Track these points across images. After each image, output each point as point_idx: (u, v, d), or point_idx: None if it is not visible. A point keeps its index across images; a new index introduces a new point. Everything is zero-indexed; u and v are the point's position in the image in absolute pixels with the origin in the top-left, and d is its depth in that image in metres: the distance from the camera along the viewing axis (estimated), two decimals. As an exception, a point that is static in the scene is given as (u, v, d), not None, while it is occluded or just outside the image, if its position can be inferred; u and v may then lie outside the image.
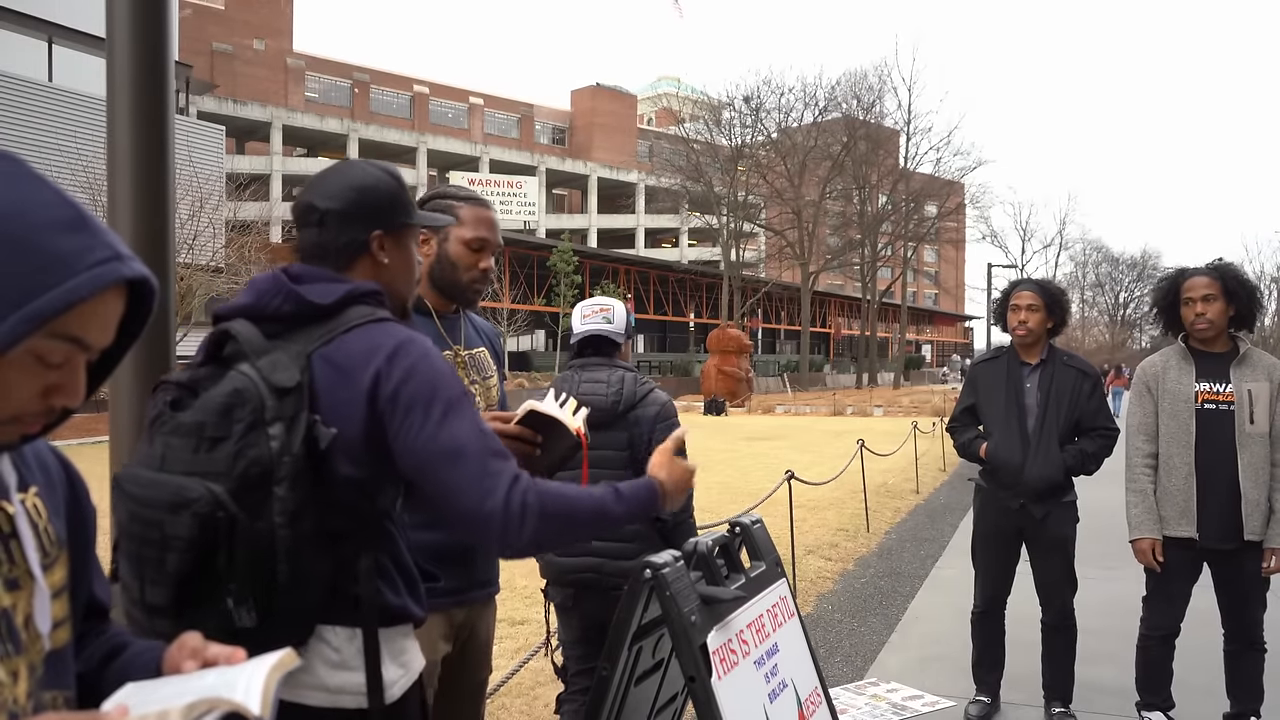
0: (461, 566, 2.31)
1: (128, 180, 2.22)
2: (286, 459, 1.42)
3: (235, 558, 1.40)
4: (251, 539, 1.41)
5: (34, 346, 0.91)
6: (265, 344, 1.52)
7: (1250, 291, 3.77)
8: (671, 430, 3.11)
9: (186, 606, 1.40)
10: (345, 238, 1.66)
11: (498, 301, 35.42)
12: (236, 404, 1.44)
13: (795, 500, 6.69)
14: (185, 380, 1.53)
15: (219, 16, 53.60)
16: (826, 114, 50.12)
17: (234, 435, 1.42)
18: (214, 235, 23.37)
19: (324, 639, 1.53)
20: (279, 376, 1.46)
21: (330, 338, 1.54)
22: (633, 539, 2.99)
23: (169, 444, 1.45)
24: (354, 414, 1.50)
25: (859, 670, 5.01)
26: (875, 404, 32.13)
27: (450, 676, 2.34)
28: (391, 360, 1.52)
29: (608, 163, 65.27)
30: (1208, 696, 4.12)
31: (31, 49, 23.41)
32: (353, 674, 1.55)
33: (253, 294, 1.59)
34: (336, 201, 1.66)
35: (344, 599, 1.53)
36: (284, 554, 1.43)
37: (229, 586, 1.40)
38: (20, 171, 0.94)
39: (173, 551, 1.38)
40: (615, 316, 3.21)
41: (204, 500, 1.37)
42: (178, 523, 1.38)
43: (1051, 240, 77.37)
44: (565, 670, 3.22)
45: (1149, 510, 3.80)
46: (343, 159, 1.81)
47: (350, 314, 1.57)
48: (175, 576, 1.39)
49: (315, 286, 1.58)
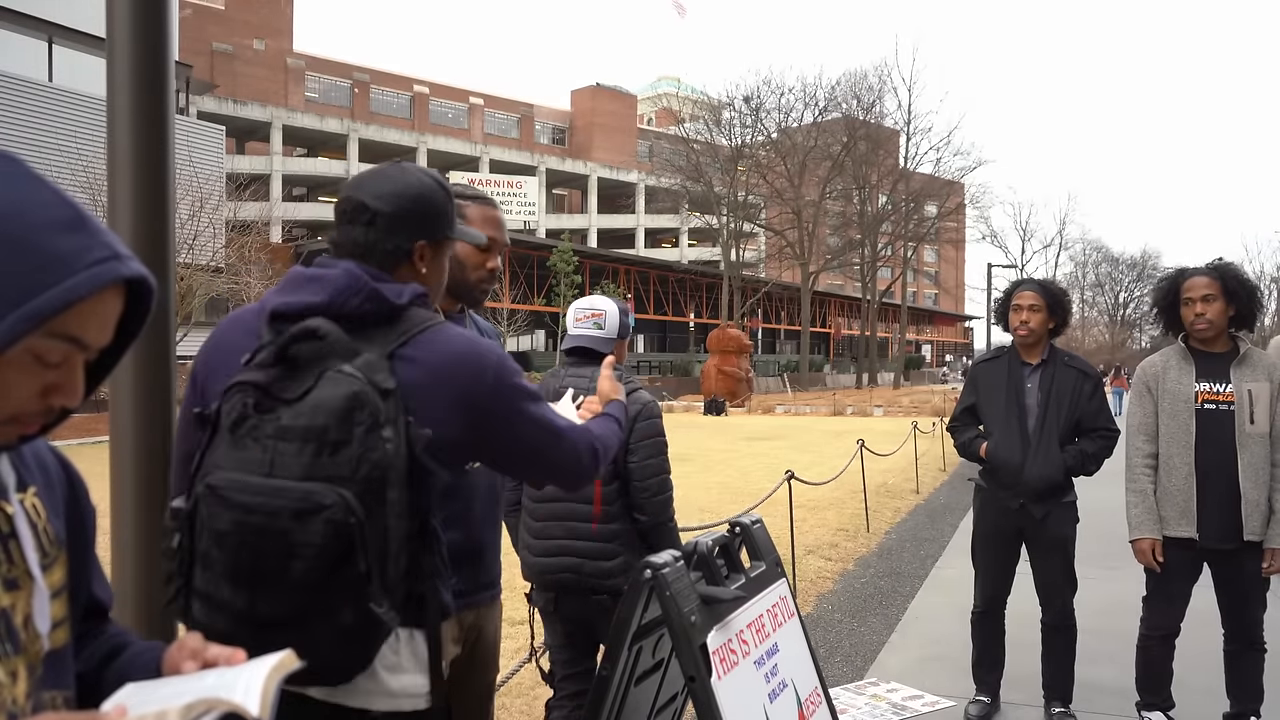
0: (471, 568, 2.31)
1: (128, 180, 2.22)
2: (399, 461, 1.43)
3: (370, 563, 1.39)
4: (374, 542, 1.40)
5: (32, 346, 0.91)
6: (353, 344, 1.49)
7: (1250, 291, 3.76)
8: (653, 429, 3.13)
9: (298, 617, 1.38)
10: (392, 243, 1.65)
11: (498, 301, 35.44)
12: (356, 407, 1.42)
13: (795, 500, 6.69)
14: (261, 382, 1.47)
15: (219, 16, 53.59)
16: (826, 114, 50.14)
17: (356, 439, 1.40)
18: (214, 235, 23.37)
19: (388, 642, 1.51)
20: (380, 378, 1.45)
21: (407, 339, 1.53)
22: (611, 539, 2.98)
23: (278, 449, 1.41)
24: (443, 415, 1.52)
25: (859, 670, 5.01)
26: (875, 404, 32.14)
27: (459, 679, 2.34)
28: (481, 366, 1.59)
29: (608, 163, 65.27)
30: (1208, 696, 4.12)
31: (31, 49, 23.41)
32: (410, 676, 1.56)
33: (326, 291, 1.55)
34: (390, 204, 1.65)
35: (408, 598, 1.52)
36: (393, 556, 1.43)
37: (369, 590, 1.40)
38: (19, 171, 0.94)
39: (299, 560, 1.36)
40: (607, 321, 3.14)
41: (338, 506, 1.36)
42: (308, 530, 1.35)
43: (1051, 240, 77.58)
44: (552, 675, 3.18)
45: (1149, 510, 3.80)
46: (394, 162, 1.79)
47: (415, 315, 1.58)
48: (298, 586, 1.37)
49: (388, 286, 1.57)
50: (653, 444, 3.09)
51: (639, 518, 3.04)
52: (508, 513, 3.28)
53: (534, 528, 3.13)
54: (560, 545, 3.07)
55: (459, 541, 2.26)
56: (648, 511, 3.03)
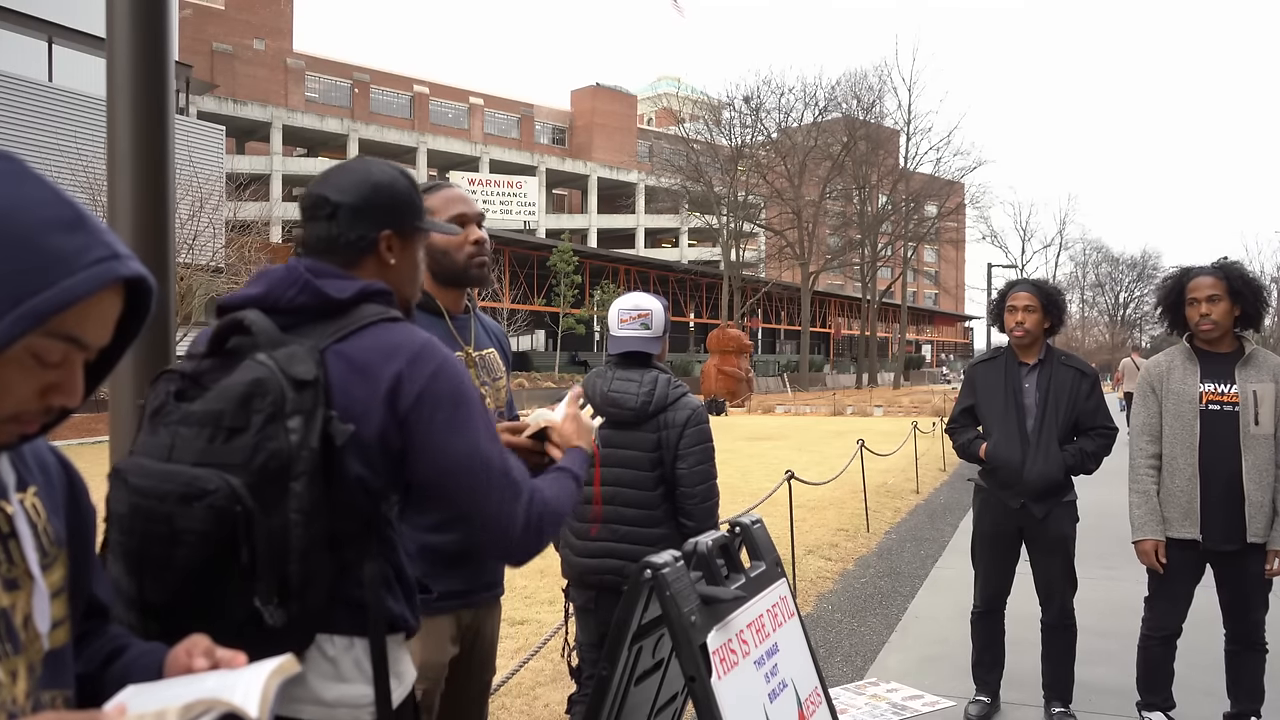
0: (469, 569, 2.31)
1: (128, 180, 2.22)
2: (305, 454, 1.38)
3: (256, 554, 1.35)
4: (267, 535, 1.36)
5: (32, 345, 0.91)
6: (280, 335, 1.47)
7: (1256, 291, 3.74)
8: (702, 435, 3.12)
9: (185, 606, 1.35)
10: (355, 233, 1.62)
11: (498, 301, 35.42)
12: (257, 394, 1.38)
13: (795, 500, 6.69)
14: (190, 371, 1.48)
15: (219, 16, 53.60)
16: (826, 114, 50.13)
17: (253, 426, 1.37)
18: (214, 235, 23.35)
19: (320, 649, 1.47)
20: (297, 369, 1.42)
21: (345, 334, 1.50)
22: (656, 543, 2.98)
23: (179, 434, 1.39)
24: (370, 413, 1.46)
25: (859, 670, 5.01)
26: (875, 404, 32.13)
27: (457, 678, 2.34)
28: (415, 363, 1.49)
29: (608, 163, 65.26)
30: (1208, 696, 4.12)
31: (31, 49, 23.39)
32: (350, 686, 1.49)
33: (264, 285, 1.54)
34: (350, 196, 1.63)
35: (345, 606, 1.48)
36: (296, 554, 1.37)
37: (255, 585, 1.35)
38: (19, 170, 0.94)
39: (182, 546, 1.32)
40: (654, 320, 3.13)
41: (222, 492, 1.32)
42: (190, 515, 1.32)
43: (1051, 240, 77.65)
44: (580, 671, 3.21)
45: (1152, 511, 3.79)
46: (356, 157, 1.77)
47: (364, 311, 1.54)
48: (181, 573, 1.34)
49: (331, 281, 1.55)
50: (702, 450, 3.10)
51: (685, 523, 3.06)
52: None
53: (577, 529, 3.15)
54: (605, 547, 3.09)
55: (456, 543, 2.26)
56: (695, 517, 3.05)
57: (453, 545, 2.25)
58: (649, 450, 3.08)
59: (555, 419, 1.90)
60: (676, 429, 3.06)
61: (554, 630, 3.68)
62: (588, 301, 43.13)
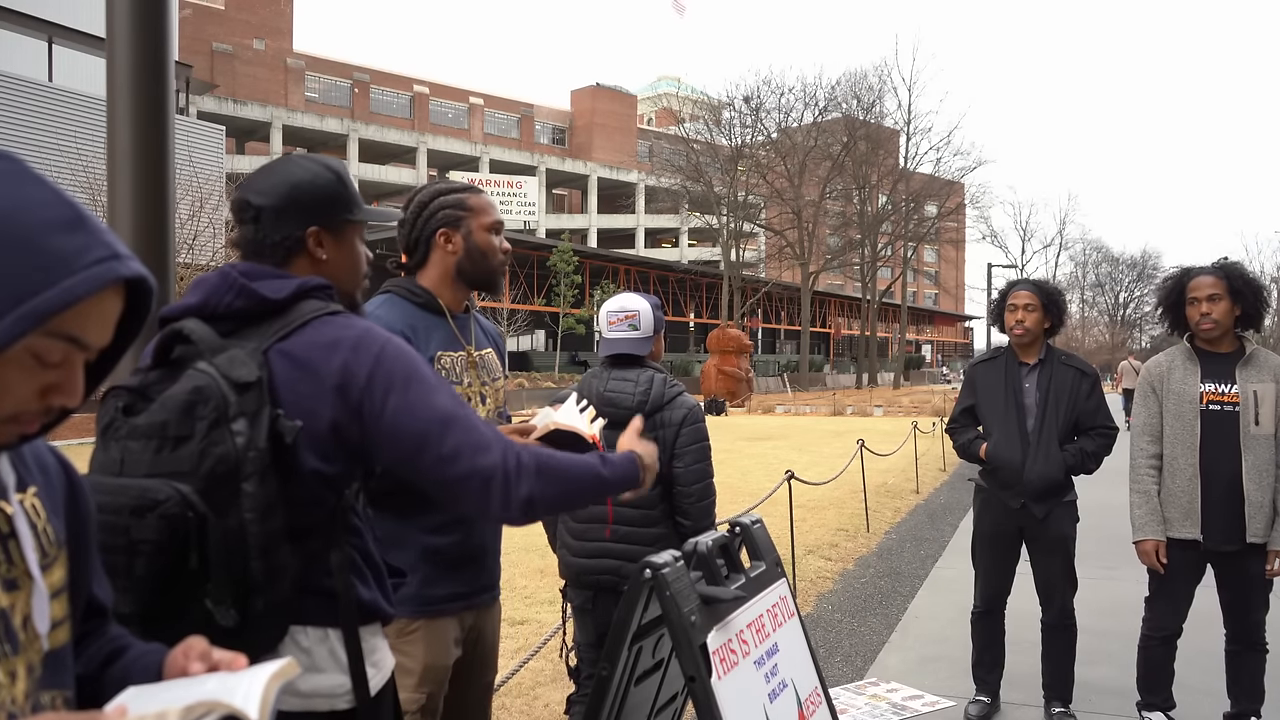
0: (471, 570, 2.31)
1: (128, 180, 2.22)
2: (252, 454, 1.40)
3: (208, 557, 1.37)
4: (223, 537, 1.38)
5: (32, 345, 0.91)
6: (220, 342, 1.49)
7: (1256, 291, 3.74)
8: (699, 434, 3.12)
9: (155, 614, 1.37)
10: (280, 234, 1.64)
11: (498, 301, 35.42)
12: (198, 401, 1.41)
13: (795, 500, 6.68)
14: (136, 385, 1.49)
15: (219, 16, 53.60)
16: (826, 114, 50.12)
17: (198, 434, 1.39)
18: (214, 235, 23.35)
19: (294, 640, 1.50)
20: (238, 372, 1.44)
21: (286, 332, 1.52)
22: (653, 543, 2.97)
23: (127, 448, 1.42)
24: (319, 407, 1.48)
25: (859, 670, 5.01)
26: (875, 404, 32.12)
27: (460, 680, 2.34)
28: (357, 349, 1.51)
29: (608, 163, 65.28)
30: (1208, 697, 4.12)
31: (31, 49, 23.41)
32: (325, 676, 1.52)
33: (201, 292, 1.56)
34: (269, 198, 1.64)
35: (315, 596, 1.51)
36: (256, 551, 1.40)
37: (206, 587, 1.38)
38: (19, 171, 0.94)
39: (141, 556, 1.34)
40: (642, 321, 3.12)
41: (172, 501, 1.34)
42: (144, 526, 1.34)
43: (1051, 240, 77.54)
44: (578, 671, 3.21)
45: (1153, 511, 3.79)
46: (280, 156, 1.78)
47: (303, 308, 1.55)
48: (144, 582, 1.35)
49: (266, 282, 1.56)
50: (699, 449, 3.09)
51: (682, 522, 3.06)
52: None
53: (575, 529, 3.15)
54: (602, 547, 3.08)
55: (458, 544, 2.26)
56: (692, 516, 3.04)
57: (455, 547, 2.25)
58: None
59: (560, 420, 1.90)
60: (673, 428, 3.06)
61: (554, 630, 3.67)
62: (588, 301, 43.13)
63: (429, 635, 2.23)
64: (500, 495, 1.50)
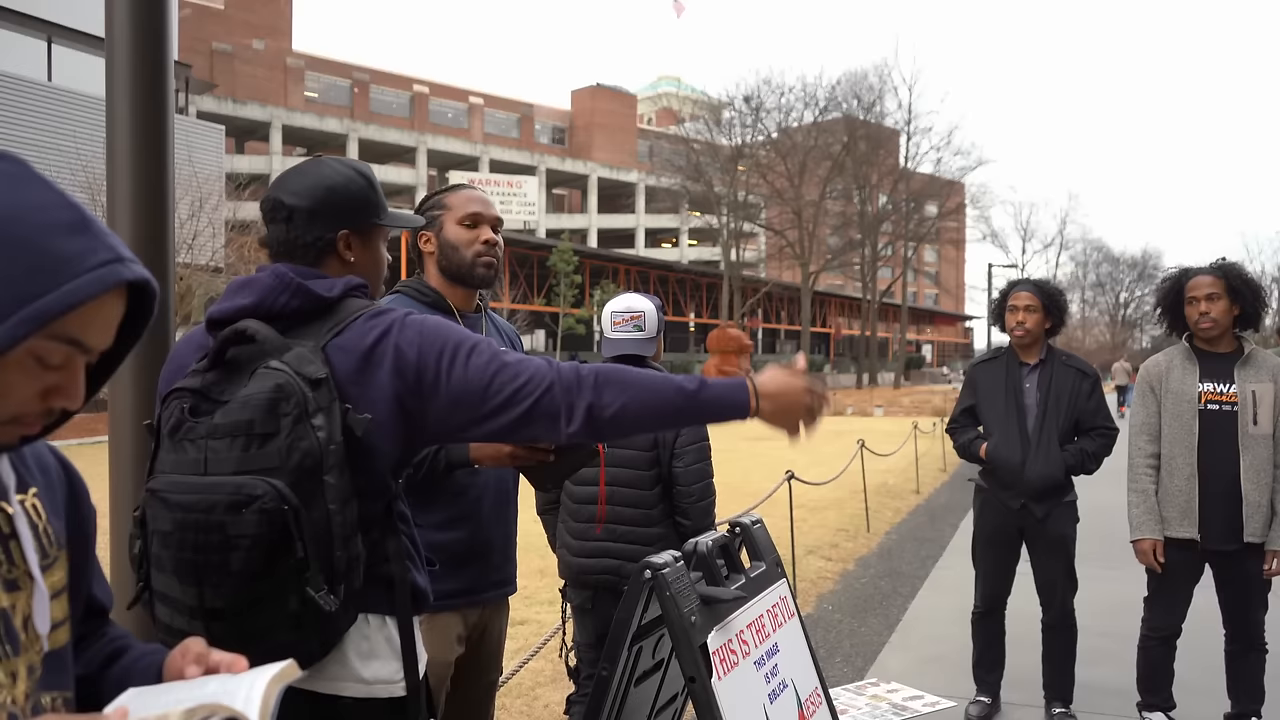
0: (475, 567, 2.31)
1: (128, 180, 2.22)
2: (333, 448, 1.45)
3: (308, 547, 1.42)
4: (312, 528, 1.43)
5: (34, 348, 0.91)
6: (284, 341, 1.53)
7: (1255, 290, 3.75)
8: (698, 435, 3.10)
9: (243, 605, 1.42)
10: (312, 235, 1.67)
11: (498, 301, 35.42)
12: (281, 399, 1.45)
13: (795, 500, 6.69)
14: (197, 386, 1.52)
15: (219, 16, 53.56)
16: (826, 114, 50.17)
17: (283, 430, 1.44)
18: (214, 235, 23.36)
19: (359, 628, 1.55)
20: (309, 369, 1.48)
21: (340, 329, 1.56)
22: (653, 542, 2.97)
23: (210, 447, 1.45)
24: (380, 395, 1.52)
25: (859, 670, 5.01)
26: (875, 404, 32.14)
27: (462, 678, 2.34)
28: (402, 332, 1.55)
29: (608, 163, 65.24)
30: (1208, 697, 4.12)
31: (31, 49, 23.40)
32: (383, 663, 1.57)
33: (254, 293, 1.59)
34: (304, 199, 1.67)
35: (375, 584, 1.55)
36: (339, 541, 1.46)
37: (306, 575, 1.42)
38: (23, 172, 0.94)
39: (238, 550, 1.39)
40: (647, 322, 3.12)
41: (269, 495, 1.39)
42: (242, 521, 1.39)
43: (1052, 240, 77.45)
44: (578, 672, 3.21)
45: (1150, 511, 3.79)
46: (311, 158, 1.80)
47: (350, 305, 1.60)
48: (239, 576, 1.40)
49: (317, 282, 1.61)
50: (698, 449, 3.09)
51: (682, 522, 3.06)
52: (545, 511, 3.30)
53: (574, 528, 3.15)
54: (602, 547, 3.08)
55: (464, 540, 2.26)
56: (691, 516, 3.05)
57: (458, 544, 2.25)
58: (646, 449, 3.07)
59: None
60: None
61: (554, 630, 3.67)
62: (588, 301, 43.11)
63: (430, 631, 2.23)
64: (566, 415, 1.52)
